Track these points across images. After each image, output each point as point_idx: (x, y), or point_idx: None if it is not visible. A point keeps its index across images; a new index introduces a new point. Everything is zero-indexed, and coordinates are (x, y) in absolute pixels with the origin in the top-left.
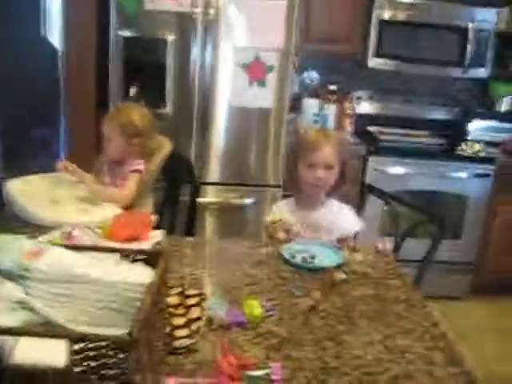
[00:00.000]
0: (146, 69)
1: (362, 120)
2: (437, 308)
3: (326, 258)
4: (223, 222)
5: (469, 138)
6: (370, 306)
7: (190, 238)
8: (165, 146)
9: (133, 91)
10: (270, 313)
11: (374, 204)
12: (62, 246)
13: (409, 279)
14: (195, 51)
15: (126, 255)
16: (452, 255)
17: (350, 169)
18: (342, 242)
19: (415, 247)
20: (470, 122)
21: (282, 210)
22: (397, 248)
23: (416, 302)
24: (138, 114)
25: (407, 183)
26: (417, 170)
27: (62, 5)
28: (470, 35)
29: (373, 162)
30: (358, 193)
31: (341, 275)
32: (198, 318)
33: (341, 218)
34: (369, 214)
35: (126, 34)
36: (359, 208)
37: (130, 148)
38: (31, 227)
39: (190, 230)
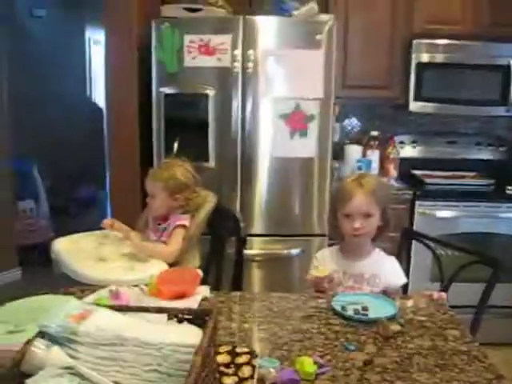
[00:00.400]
0: (188, 124)
1: (406, 164)
2: (497, 355)
3: (379, 309)
4: (270, 273)
5: None
6: (429, 359)
7: (237, 293)
8: (209, 200)
9: (176, 146)
10: (324, 369)
11: (422, 249)
12: (109, 307)
13: (467, 329)
14: (236, 105)
15: (174, 315)
16: (509, 299)
17: (396, 214)
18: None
19: (469, 292)
20: None
21: (324, 259)
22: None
23: (477, 353)
24: (180, 169)
25: (457, 226)
26: (466, 213)
27: (106, 66)
28: None
29: (420, 206)
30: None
31: (395, 327)
32: (250, 377)
33: (385, 270)
34: (418, 260)
35: (168, 90)
36: (401, 254)
37: (174, 203)
38: (78, 286)
39: (237, 284)
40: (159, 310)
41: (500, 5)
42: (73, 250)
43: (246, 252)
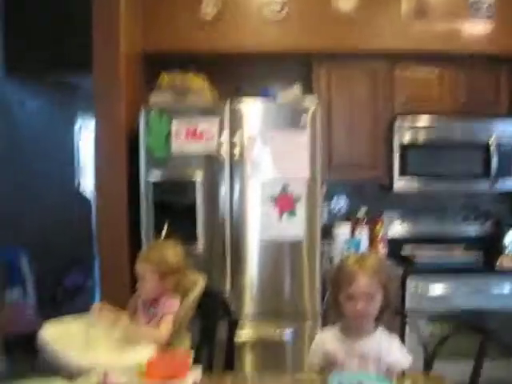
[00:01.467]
0: (176, 208)
1: (395, 242)
2: None
3: None
4: (262, 356)
5: (506, 251)
6: None
7: (229, 375)
8: (198, 284)
9: (165, 230)
10: None
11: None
12: None
13: None
14: (223, 188)
15: None
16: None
17: (392, 292)
18: (390, 375)
19: (466, 370)
20: (504, 233)
21: (323, 341)
22: (426, 367)
23: None
24: (170, 252)
25: (449, 302)
26: (457, 289)
27: (95, 154)
28: (493, 148)
29: (411, 283)
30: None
31: None
32: None
33: (390, 350)
34: (412, 339)
35: (156, 178)
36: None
37: (165, 286)
38: (66, 373)
39: (229, 367)
40: None
41: (475, 84)
42: (59, 336)
43: (238, 336)
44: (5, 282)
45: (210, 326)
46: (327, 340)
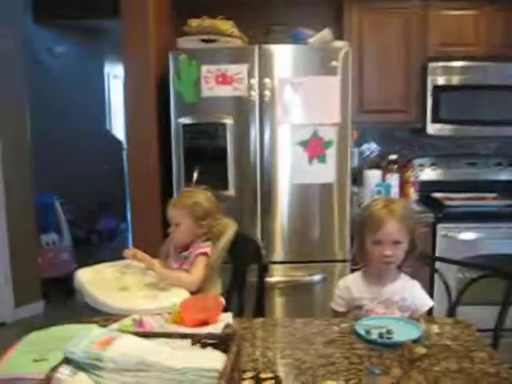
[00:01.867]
0: (207, 153)
1: (426, 187)
2: None
3: (404, 333)
4: (292, 300)
5: None
6: (456, 382)
7: (260, 319)
8: (230, 228)
9: (195, 175)
10: None
11: (446, 273)
12: (132, 333)
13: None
14: (253, 133)
15: (197, 341)
16: None
17: (418, 238)
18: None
19: (490, 315)
20: None
21: (347, 287)
22: (450, 313)
23: (507, 375)
24: (203, 196)
25: (479, 248)
26: (488, 234)
27: (125, 99)
28: None
29: (441, 229)
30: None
31: (421, 349)
32: None
33: (413, 294)
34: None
35: (186, 121)
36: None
37: (199, 231)
38: (101, 316)
39: (259, 311)
40: (183, 336)
41: None
42: (95, 281)
43: (268, 279)
44: (41, 226)
45: (241, 270)
46: (352, 286)
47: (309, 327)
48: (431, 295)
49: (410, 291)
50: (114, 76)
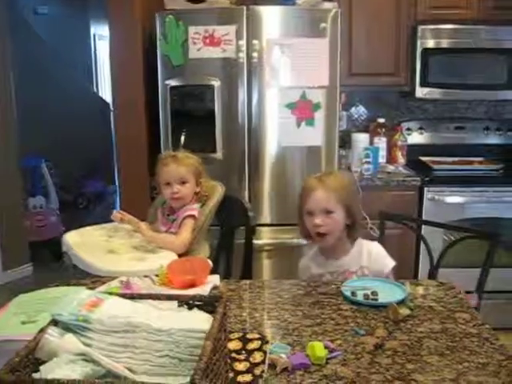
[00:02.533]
0: (194, 115)
1: (414, 151)
2: (509, 339)
3: (389, 294)
4: (279, 263)
5: None
6: (439, 342)
7: (247, 281)
8: (218, 190)
9: (183, 138)
10: (335, 354)
11: (432, 236)
12: (120, 295)
13: (477, 312)
14: (242, 95)
15: (184, 302)
16: None
17: (405, 201)
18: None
19: (473, 277)
20: None
21: (306, 267)
22: (431, 275)
23: (488, 335)
24: (193, 157)
25: (466, 212)
26: (475, 198)
27: (111, 60)
28: None
29: (428, 192)
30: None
31: (405, 311)
32: (261, 362)
33: (371, 259)
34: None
35: (173, 83)
36: (382, 237)
37: (197, 190)
38: (89, 278)
39: (247, 274)
40: (169, 298)
41: None
42: (83, 243)
43: (255, 242)
44: (28, 190)
45: (229, 233)
46: (311, 264)
47: (296, 288)
48: (417, 258)
49: (367, 257)
50: (101, 37)
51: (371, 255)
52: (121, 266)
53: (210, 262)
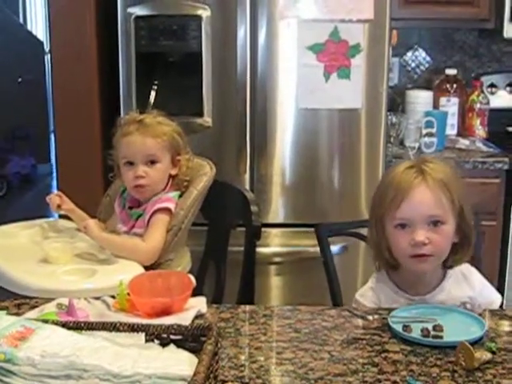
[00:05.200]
0: (170, 61)
1: (500, 118)
2: None
3: (459, 330)
4: (295, 280)
5: None
6: None
7: (247, 307)
8: (205, 173)
9: (153, 95)
10: None
11: None
12: (59, 324)
13: None
14: (242, 31)
15: (155, 335)
16: None
17: (485, 191)
18: None
19: None
20: None
21: (378, 298)
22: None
23: None
24: (169, 124)
25: None
26: None
27: None
28: None
29: None
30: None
31: (484, 355)
32: None
33: (474, 291)
34: None
35: (140, 11)
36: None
37: (172, 172)
38: (11, 299)
39: (246, 295)
40: (134, 328)
41: None
42: (4, 248)
43: (260, 250)
44: None
45: (221, 236)
46: (381, 300)
47: (319, 319)
48: (502, 279)
49: (467, 289)
50: None
51: (472, 285)
52: (59, 283)
53: (193, 279)
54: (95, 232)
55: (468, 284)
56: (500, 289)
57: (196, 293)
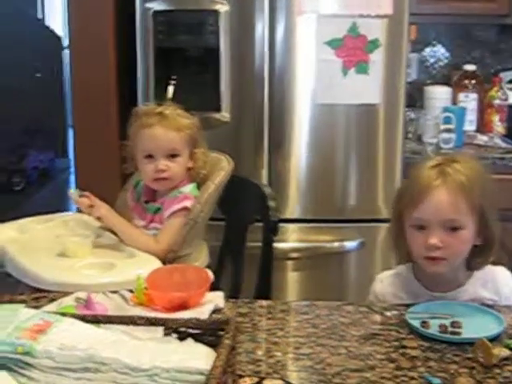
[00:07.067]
0: (188, 56)
1: None
2: None
3: (477, 326)
4: (313, 276)
5: None
6: None
7: (264, 302)
8: (223, 167)
9: (171, 90)
10: None
11: None
12: (77, 317)
13: None
14: (260, 27)
15: (173, 329)
16: None
17: (504, 190)
18: None
19: None
20: None
21: (390, 296)
22: None
23: None
24: (188, 117)
25: None
26: None
27: None
28: None
29: None
30: None
31: (503, 351)
32: None
33: (501, 295)
34: None
35: (158, 6)
36: None
37: (190, 165)
38: (29, 292)
39: (264, 290)
40: (152, 323)
41: None
42: (22, 242)
43: (278, 245)
44: None
45: (239, 231)
46: (400, 296)
47: (337, 314)
48: None
49: (493, 292)
50: None
51: (497, 289)
52: (78, 277)
53: (211, 273)
54: (119, 223)
55: (494, 287)
56: None
57: (213, 287)
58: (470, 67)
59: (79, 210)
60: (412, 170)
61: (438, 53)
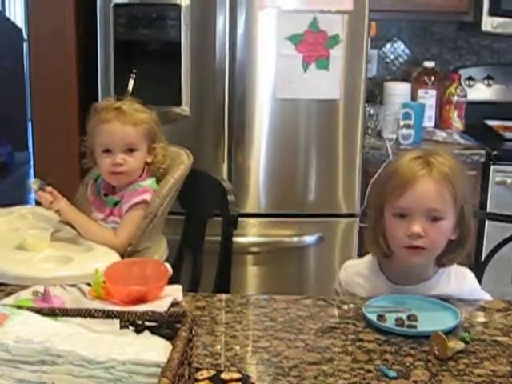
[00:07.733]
0: (149, 49)
1: (478, 111)
2: None
3: (433, 320)
4: (272, 271)
5: None
6: None
7: (223, 296)
8: (182, 161)
9: (131, 83)
10: None
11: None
12: (34, 310)
13: None
14: (221, 21)
15: (130, 322)
16: None
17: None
18: None
19: None
20: None
21: (355, 285)
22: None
23: None
24: (146, 112)
25: None
26: None
27: None
28: None
29: (496, 172)
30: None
31: (457, 344)
32: None
33: (463, 293)
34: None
35: (120, 0)
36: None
37: (148, 159)
38: None
39: (223, 285)
40: (108, 315)
41: None
42: None
43: (237, 239)
44: None
45: (198, 225)
46: (363, 286)
47: (295, 308)
48: (479, 268)
49: (456, 289)
50: None
51: (461, 287)
52: (35, 270)
53: (170, 267)
54: (72, 213)
55: (458, 285)
56: None
57: (172, 281)
58: (430, 64)
59: (38, 204)
60: (392, 163)
61: (398, 49)
